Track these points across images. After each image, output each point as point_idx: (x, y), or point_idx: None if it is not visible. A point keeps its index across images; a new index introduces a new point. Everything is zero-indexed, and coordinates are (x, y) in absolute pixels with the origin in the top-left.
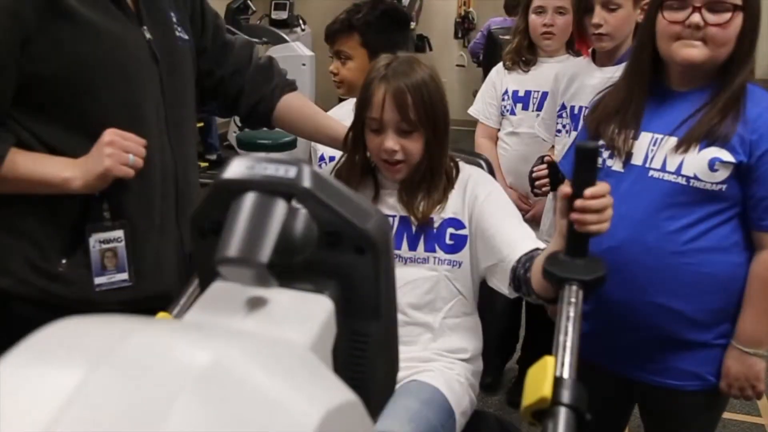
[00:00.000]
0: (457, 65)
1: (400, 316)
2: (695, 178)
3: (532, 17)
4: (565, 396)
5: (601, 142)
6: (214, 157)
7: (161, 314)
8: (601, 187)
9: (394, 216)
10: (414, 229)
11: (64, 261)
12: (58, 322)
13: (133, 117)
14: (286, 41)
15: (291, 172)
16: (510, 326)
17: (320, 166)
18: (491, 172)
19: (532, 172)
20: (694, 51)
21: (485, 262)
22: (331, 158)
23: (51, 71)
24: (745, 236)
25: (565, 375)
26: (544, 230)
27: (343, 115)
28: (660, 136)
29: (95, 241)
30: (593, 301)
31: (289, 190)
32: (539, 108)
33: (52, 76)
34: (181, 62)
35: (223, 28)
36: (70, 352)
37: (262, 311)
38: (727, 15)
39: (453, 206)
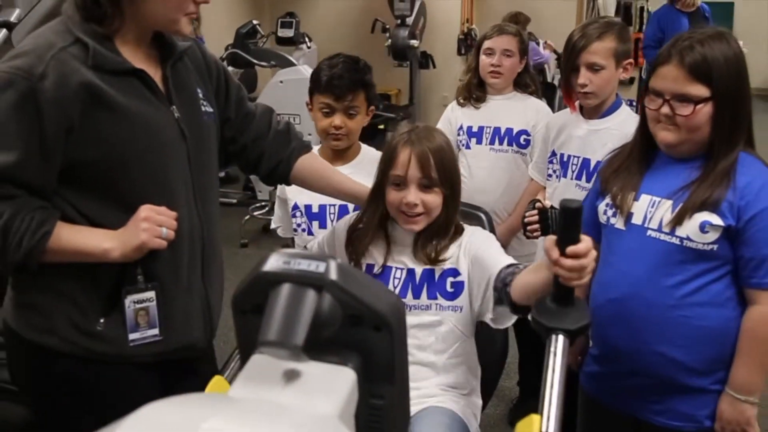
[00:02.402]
0: (460, 80)
1: None
2: (688, 239)
3: (482, 57)
4: None
5: (608, 201)
6: (222, 174)
7: (216, 378)
8: (583, 245)
9: (402, 268)
10: (418, 279)
11: (102, 320)
12: (145, 409)
13: (164, 191)
14: (293, 64)
15: (321, 267)
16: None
17: (294, 215)
18: (490, 223)
19: (524, 217)
20: (669, 135)
21: (476, 298)
22: (307, 207)
23: (91, 155)
24: (738, 292)
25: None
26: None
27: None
28: (658, 199)
29: (130, 302)
30: (600, 346)
31: (319, 282)
32: (491, 142)
33: (91, 159)
34: (207, 136)
35: (245, 98)
36: None
37: (297, 384)
38: (691, 107)
39: (452, 258)
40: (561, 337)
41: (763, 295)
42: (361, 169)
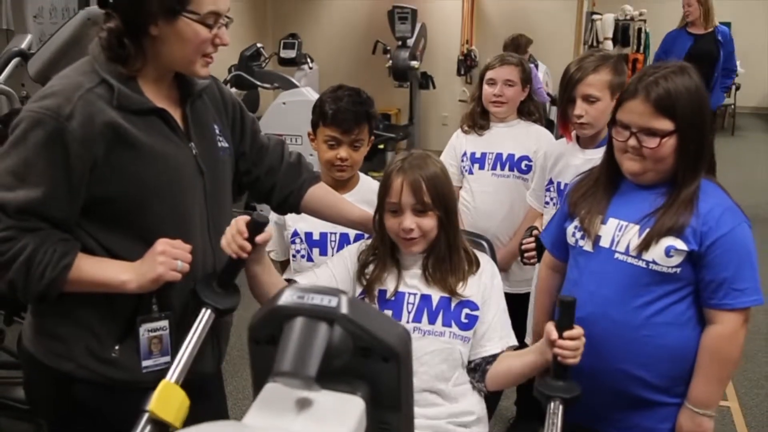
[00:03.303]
0: (460, 100)
1: (416, 383)
2: (654, 262)
3: (485, 87)
4: None
5: (576, 223)
6: None
7: (164, 383)
8: (576, 331)
9: (415, 293)
10: (434, 305)
11: (117, 347)
12: None
13: (180, 224)
14: (296, 86)
15: (333, 301)
16: None
17: (293, 241)
18: (492, 250)
19: (521, 244)
20: (635, 165)
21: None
22: (308, 234)
23: (113, 190)
24: (697, 312)
25: None
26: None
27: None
28: (625, 224)
29: (144, 330)
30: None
31: (331, 316)
32: (493, 167)
33: (113, 194)
34: (223, 170)
35: (258, 131)
36: None
37: (309, 412)
38: (657, 140)
39: (470, 290)
40: (558, 403)
41: (721, 315)
42: (361, 198)
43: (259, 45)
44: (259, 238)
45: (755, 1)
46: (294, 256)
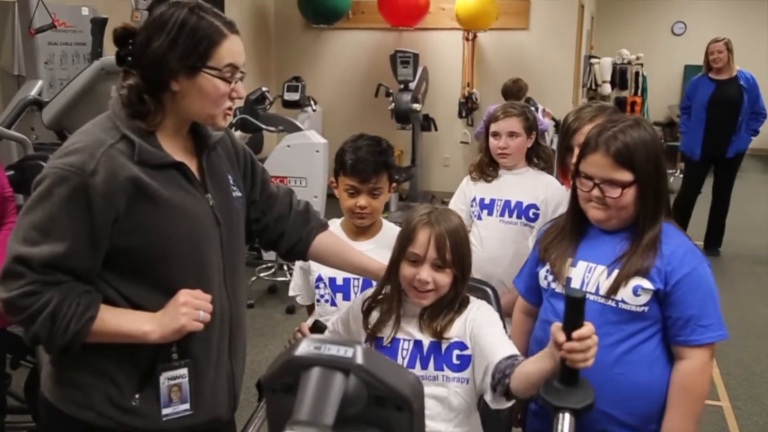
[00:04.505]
0: (461, 142)
1: None
2: (623, 301)
3: (491, 140)
4: None
5: (548, 267)
6: None
7: None
8: (587, 329)
9: (409, 340)
10: (425, 350)
11: (137, 396)
12: None
13: (199, 274)
14: (300, 129)
15: (349, 352)
16: None
17: (317, 286)
18: (496, 297)
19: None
20: (599, 213)
21: (478, 375)
22: (332, 279)
23: (134, 243)
24: (666, 352)
25: None
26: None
27: None
28: (594, 265)
29: (164, 379)
30: (538, 402)
31: (347, 366)
32: (502, 214)
33: (134, 246)
34: (237, 220)
35: (269, 180)
36: None
37: None
38: (619, 190)
39: (456, 331)
40: (567, 416)
41: (689, 351)
42: (383, 245)
43: (264, 89)
44: None
45: (750, 41)
46: (318, 300)
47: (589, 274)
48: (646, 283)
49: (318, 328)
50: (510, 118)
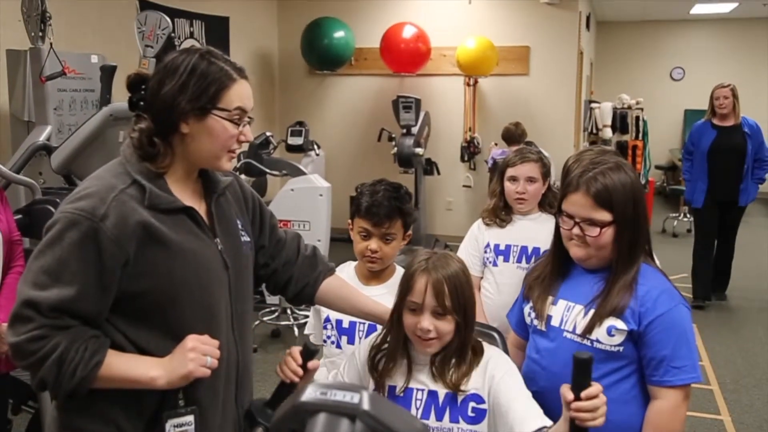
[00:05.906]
0: (464, 186)
1: None
2: (597, 341)
3: (507, 184)
4: None
5: (531, 304)
6: None
7: None
8: (595, 388)
9: (423, 389)
10: (441, 401)
11: None
12: None
13: (208, 319)
14: (304, 173)
15: (355, 398)
16: None
17: (325, 327)
18: (503, 342)
19: None
20: (580, 250)
21: None
22: (338, 321)
23: (142, 287)
24: (642, 392)
25: None
26: None
27: None
28: (572, 304)
29: (170, 426)
30: None
31: (353, 412)
32: (519, 260)
33: (143, 290)
34: (246, 264)
35: (277, 226)
36: None
37: None
38: (597, 229)
39: (474, 383)
40: None
41: (663, 391)
42: (395, 290)
43: (268, 133)
44: (310, 364)
45: (747, 86)
46: (325, 341)
47: (567, 313)
48: (620, 324)
49: (309, 350)
50: (528, 163)
